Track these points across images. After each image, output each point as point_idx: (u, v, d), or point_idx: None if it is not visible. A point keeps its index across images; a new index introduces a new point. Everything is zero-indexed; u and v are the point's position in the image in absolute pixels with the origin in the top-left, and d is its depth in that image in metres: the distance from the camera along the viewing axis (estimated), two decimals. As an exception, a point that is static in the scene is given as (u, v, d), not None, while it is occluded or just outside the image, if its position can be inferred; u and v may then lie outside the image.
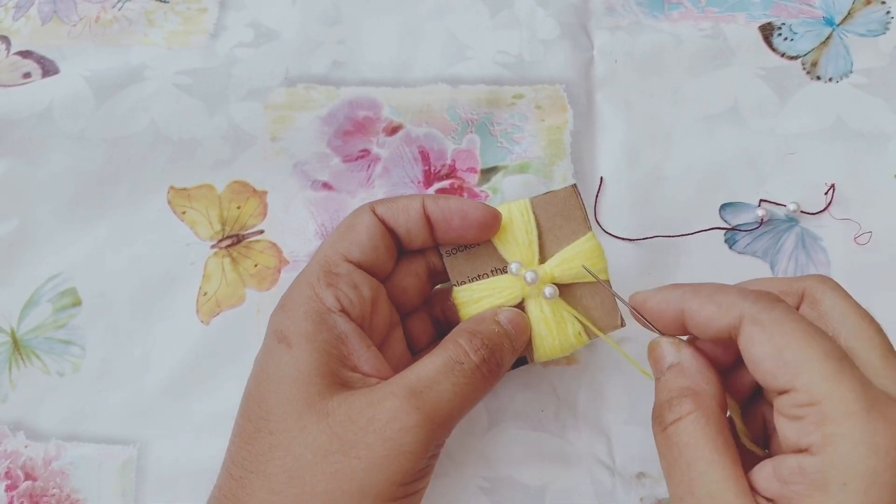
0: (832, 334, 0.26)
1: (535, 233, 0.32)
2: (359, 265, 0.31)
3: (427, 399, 0.28)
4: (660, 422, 0.27)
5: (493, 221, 0.32)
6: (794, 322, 0.25)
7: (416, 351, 0.34)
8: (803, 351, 0.24)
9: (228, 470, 0.29)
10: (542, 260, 0.32)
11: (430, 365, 0.29)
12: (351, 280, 0.30)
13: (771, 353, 0.24)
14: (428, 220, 0.31)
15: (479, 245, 0.32)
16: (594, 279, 0.32)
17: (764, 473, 0.25)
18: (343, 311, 0.29)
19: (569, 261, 0.32)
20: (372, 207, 0.32)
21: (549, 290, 0.32)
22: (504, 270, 0.32)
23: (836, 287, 0.27)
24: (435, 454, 0.29)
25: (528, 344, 0.32)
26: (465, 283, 0.32)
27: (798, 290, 0.28)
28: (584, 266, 0.32)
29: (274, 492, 0.27)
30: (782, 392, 0.24)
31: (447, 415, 0.28)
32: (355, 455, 0.26)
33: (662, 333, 0.29)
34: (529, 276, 0.31)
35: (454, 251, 0.33)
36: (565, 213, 0.33)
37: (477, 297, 0.32)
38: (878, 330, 0.26)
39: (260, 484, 0.27)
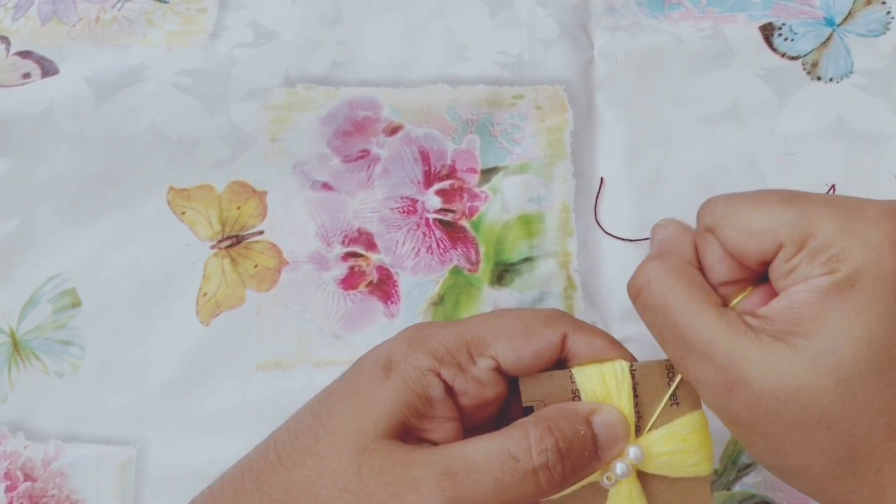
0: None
1: (631, 402, 0.27)
2: (501, 369, 0.28)
3: (457, 485, 0.25)
4: (632, 291, 0.27)
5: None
6: (739, 201, 0.26)
7: None
8: (763, 214, 0.25)
9: (267, 451, 0.28)
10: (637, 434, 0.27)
11: (482, 447, 0.25)
12: (482, 377, 0.28)
13: (744, 237, 0.25)
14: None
15: (561, 386, 0.28)
16: (686, 474, 0.27)
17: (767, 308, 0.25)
18: (451, 388, 0.28)
19: (671, 444, 0.27)
20: (565, 332, 0.28)
21: (622, 465, 0.26)
22: None
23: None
24: None
25: None
26: None
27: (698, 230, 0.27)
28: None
29: (289, 494, 0.26)
30: (772, 256, 0.25)
31: None
32: None
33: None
34: (620, 468, 0.26)
35: (533, 389, 0.28)
36: (661, 384, 0.27)
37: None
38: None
39: (283, 480, 0.27)
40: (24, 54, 0.43)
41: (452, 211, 0.40)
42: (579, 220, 0.40)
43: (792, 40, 0.42)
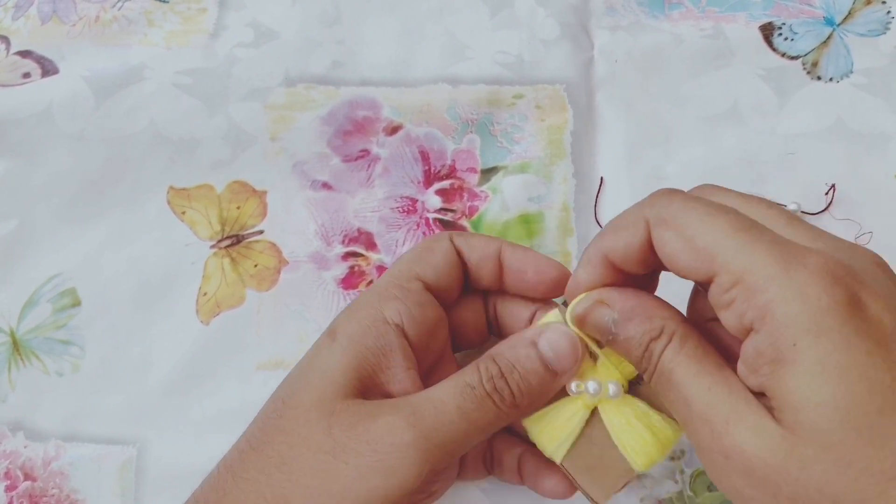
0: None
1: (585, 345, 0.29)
2: (429, 287, 0.30)
3: (426, 419, 0.27)
4: (641, 367, 0.26)
5: (565, 281, 0.30)
6: (694, 208, 0.25)
7: None
8: (710, 233, 0.24)
9: (238, 444, 0.29)
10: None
11: (442, 387, 0.28)
12: (419, 298, 0.30)
13: (682, 247, 0.24)
14: (500, 264, 0.31)
15: None
16: None
17: (742, 373, 0.24)
18: (399, 326, 0.29)
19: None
20: (450, 236, 0.31)
21: (612, 387, 0.29)
22: (563, 394, 0.29)
23: (683, 195, 0.26)
24: (434, 481, 0.28)
25: (596, 482, 0.29)
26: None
27: (642, 221, 0.26)
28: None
29: (263, 472, 0.27)
30: (708, 282, 0.24)
31: (446, 438, 0.27)
32: (343, 459, 0.26)
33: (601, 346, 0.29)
34: (591, 387, 0.29)
35: None
36: None
37: (545, 423, 0.29)
38: (770, 203, 0.26)
39: (255, 461, 0.28)
40: (24, 54, 0.43)
41: (452, 210, 0.40)
42: (579, 219, 0.40)
43: (792, 40, 0.42)
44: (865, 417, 0.21)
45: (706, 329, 0.27)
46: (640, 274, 0.28)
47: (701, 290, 0.28)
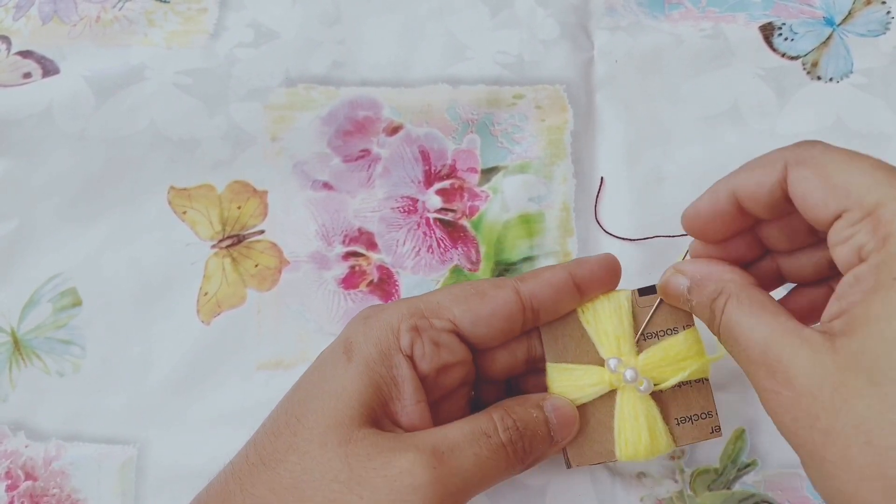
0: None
1: (630, 324, 0.31)
2: (459, 332, 0.30)
3: (446, 462, 0.27)
4: (714, 330, 0.27)
5: (618, 266, 0.32)
6: (836, 151, 0.25)
7: None
8: (850, 170, 0.24)
9: (248, 452, 0.29)
10: (637, 353, 0.31)
11: (458, 430, 0.28)
12: (438, 338, 0.29)
13: (818, 184, 0.24)
14: (576, 286, 0.31)
15: (573, 328, 0.31)
16: (691, 379, 0.30)
17: (827, 312, 0.24)
18: (410, 357, 0.29)
19: (667, 356, 0.30)
20: (515, 286, 0.30)
21: (646, 383, 0.30)
22: (597, 362, 0.31)
23: (829, 148, 0.26)
24: None
25: (578, 447, 0.30)
26: (557, 362, 0.31)
27: (781, 162, 0.26)
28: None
29: (274, 492, 0.27)
30: (833, 222, 0.24)
31: (463, 483, 0.27)
32: (359, 493, 0.26)
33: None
34: (629, 374, 0.30)
35: (550, 330, 0.31)
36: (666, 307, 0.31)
37: (567, 376, 0.31)
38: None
39: (266, 478, 0.27)
40: (25, 54, 0.43)
41: (453, 210, 0.40)
42: (579, 219, 0.40)
43: (792, 40, 0.42)
44: None
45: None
46: (761, 218, 0.28)
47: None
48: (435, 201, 0.40)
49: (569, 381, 0.31)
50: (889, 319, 0.21)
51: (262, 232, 0.40)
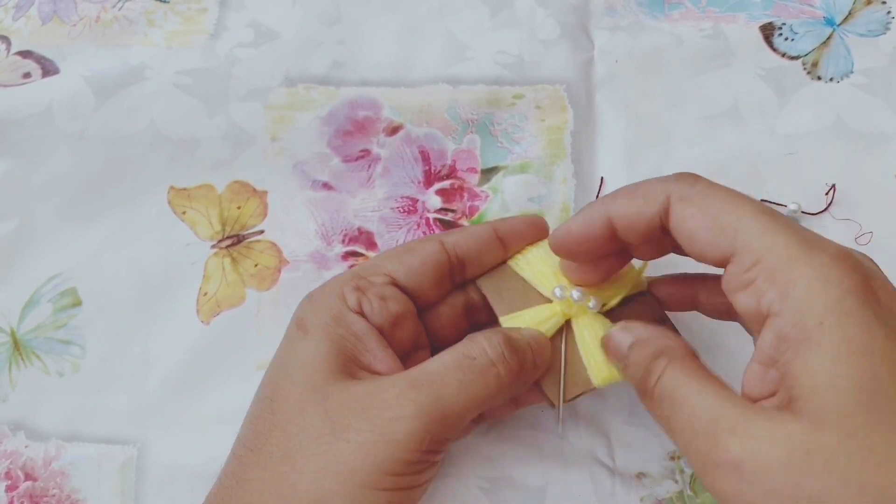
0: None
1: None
2: (396, 283, 0.31)
3: (426, 391, 0.27)
4: (645, 392, 0.26)
5: (542, 223, 0.33)
6: (720, 190, 0.25)
7: None
8: (735, 212, 0.24)
9: (234, 451, 0.29)
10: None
11: (440, 359, 0.28)
12: (380, 291, 0.30)
13: (705, 223, 0.25)
14: (499, 239, 0.32)
15: (512, 280, 0.32)
16: (635, 295, 0.32)
17: (754, 375, 0.24)
18: (361, 314, 0.30)
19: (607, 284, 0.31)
20: (440, 239, 0.32)
21: (592, 300, 0.31)
22: (544, 301, 0.32)
23: (707, 183, 0.26)
24: (435, 451, 0.28)
25: (556, 386, 0.31)
26: (508, 314, 0.32)
27: (663, 195, 0.26)
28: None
29: (266, 469, 0.27)
30: (725, 262, 0.24)
31: (447, 409, 0.27)
32: (345, 439, 0.26)
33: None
34: (575, 294, 0.31)
35: (492, 287, 0.32)
36: None
37: (521, 322, 0.31)
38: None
39: (256, 461, 0.28)
40: (25, 54, 0.43)
41: (453, 210, 0.40)
42: (579, 219, 0.40)
43: (792, 40, 0.42)
44: (888, 402, 0.21)
45: None
46: (635, 245, 0.28)
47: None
48: (435, 201, 0.40)
49: (524, 326, 0.31)
50: (836, 372, 0.21)
51: (261, 232, 0.40)
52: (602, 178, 0.40)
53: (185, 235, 0.40)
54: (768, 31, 0.43)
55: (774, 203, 0.39)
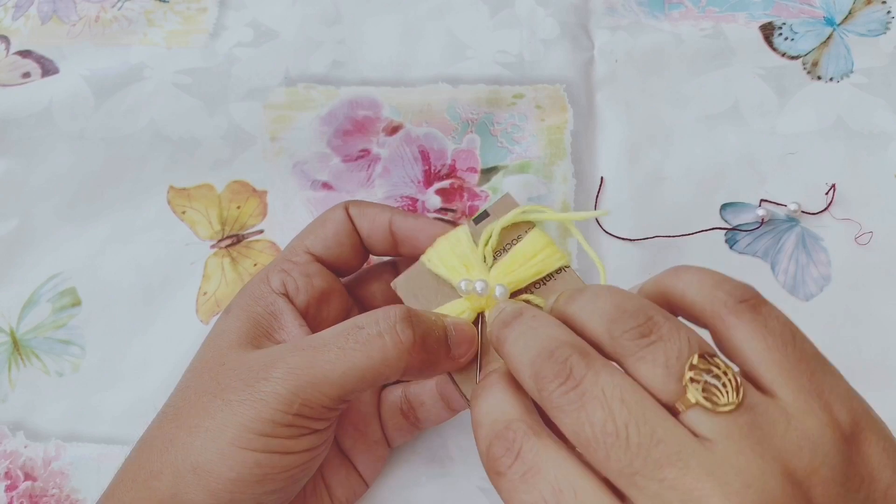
0: None
1: (472, 252, 0.31)
2: (318, 258, 0.32)
3: (303, 355, 0.27)
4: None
5: (440, 226, 0.32)
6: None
7: None
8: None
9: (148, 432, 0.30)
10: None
11: (333, 328, 0.27)
12: (304, 269, 0.31)
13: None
14: (393, 234, 0.32)
15: (424, 278, 0.31)
16: (554, 273, 0.31)
17: None
18: (285, 294, 0.31)
19: (518, 260, 0.30)
20: (346, 205, 0.33)
21: (498, 289, 0.29)
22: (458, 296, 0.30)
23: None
24: (309, 417, 0.26)
25: (471, 379, 0.29)
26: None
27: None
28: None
29: (160, 426, 0.28)
30: None
31: (319, 374, 0.26)
32: (222, 397, 0.27)
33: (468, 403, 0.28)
34: (479, 286, 0.29)
35: (406, 289, 0.31)
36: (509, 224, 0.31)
37: None
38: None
39: (156, 421, 0.29)
40: (24, 53, 0.43)
41: (453, 210, 0.40)
42: (579, 219, 0.40)
43: (792, 40, 0.42)
44: None
45: None
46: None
47: None
48: (435, 201, 0.40)
49: None
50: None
51: (261, 231, 0.40)
52: (602, 178, 0.40)
53: (185, 235, 0.40)
54: (768, 31, 0.43)
55: (775, 203, 0.39)
